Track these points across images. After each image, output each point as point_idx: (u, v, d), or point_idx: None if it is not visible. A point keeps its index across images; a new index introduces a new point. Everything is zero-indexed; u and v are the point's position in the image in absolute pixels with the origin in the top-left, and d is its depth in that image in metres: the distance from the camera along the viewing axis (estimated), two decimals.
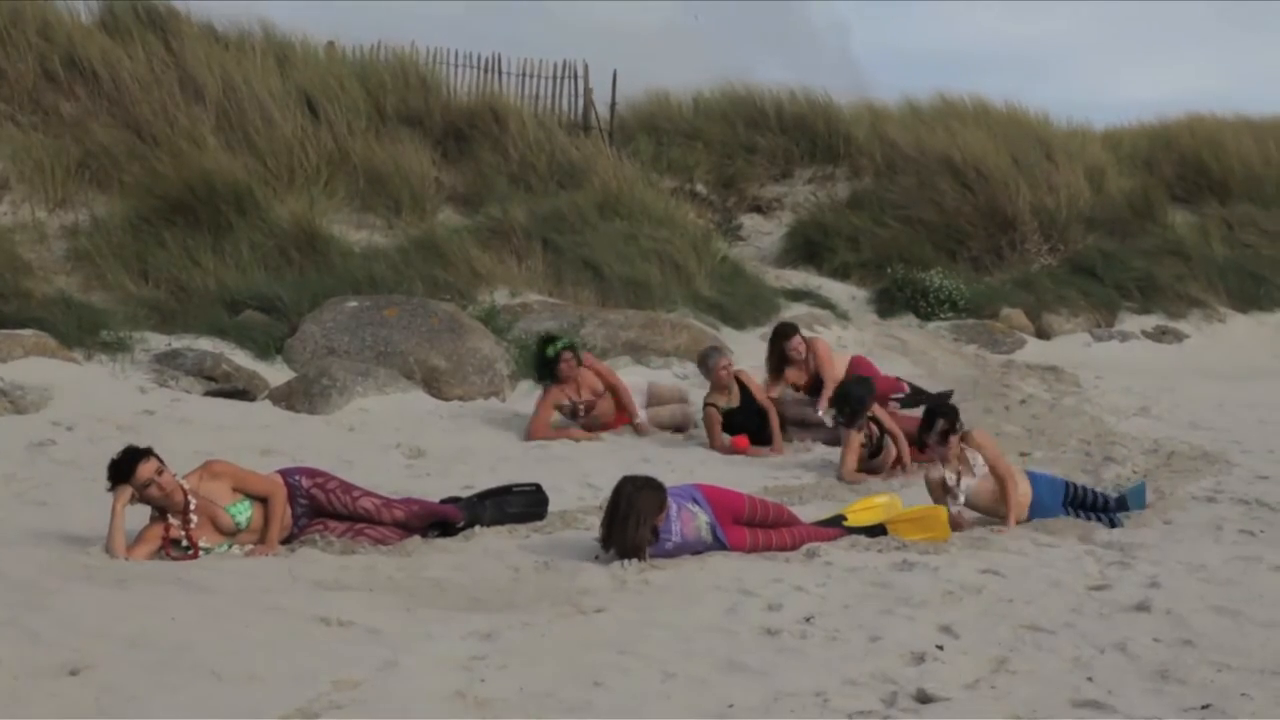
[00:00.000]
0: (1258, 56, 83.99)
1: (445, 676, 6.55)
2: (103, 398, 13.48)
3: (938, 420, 10.55)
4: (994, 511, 10.42)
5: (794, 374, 14.98)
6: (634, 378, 15.34)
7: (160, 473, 8.87)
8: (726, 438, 13.93)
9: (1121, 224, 24.62)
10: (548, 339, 14.56)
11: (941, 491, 10.36)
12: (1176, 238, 24.50)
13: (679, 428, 14.73)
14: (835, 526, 9.92)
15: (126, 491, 8.77)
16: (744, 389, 14.24)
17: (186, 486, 8.95)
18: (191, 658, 6.63)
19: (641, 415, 14.59)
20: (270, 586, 8.11)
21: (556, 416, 14.36)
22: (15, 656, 6.54)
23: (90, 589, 7.80)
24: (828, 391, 14.24)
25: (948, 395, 15.48)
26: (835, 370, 14.70)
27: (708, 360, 14.42)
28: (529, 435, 13.91)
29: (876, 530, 9.91)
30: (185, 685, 6.27)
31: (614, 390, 14.57)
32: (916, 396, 15.27)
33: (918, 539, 9.82)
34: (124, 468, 8.87)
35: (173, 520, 8.88)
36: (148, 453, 8.93)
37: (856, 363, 15.32)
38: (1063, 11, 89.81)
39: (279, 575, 8.40)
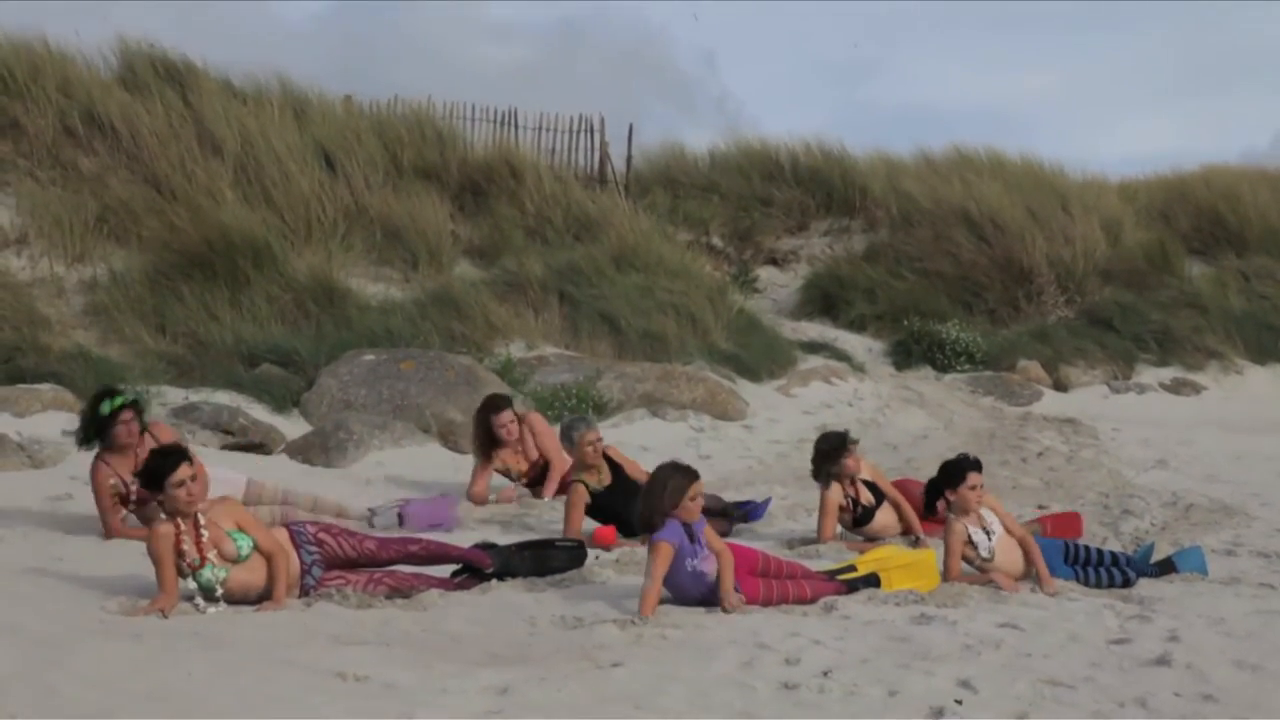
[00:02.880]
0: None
1: None
2: None
3: (968, 472, 10.44)
4: (1011, 573, 10.34)
5: (509, 456, 13.52)
6: (232, 474, 11.71)
7: (195, 478, 8.87)
8: (590, 524, 11.90)
9: (1138, 276, 24.63)
10: (106, 392, 11.08)
11: (964, 547, 10.28)
12: (1193, 290, 24.50)
13: None
14: (835, 580, 9.92)
15: None
16: (615, 468, 12.34)
17: (201, 505, 8.93)
18: (208, 712, 6.62)
19: None
20: (286, 641, 8.09)
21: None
22: (34, 711, 6.54)
23: (107, 643, 7.79)
24: (554, 478, 13.26)
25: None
26: (560, 452, 13.13)
27: (572, 432, 12.38)
28: (109, 533, 10.78)
29: (872, 580, 9.91)
30: None
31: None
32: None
33: (907, 587, 9.84)
34: (171, 460, 8.85)
35: (183, 526, 8.84)
36: (190, 456, 8.94)
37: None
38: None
39: (295, 629, 8.39)
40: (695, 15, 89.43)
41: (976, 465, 10.52)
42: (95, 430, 10.65)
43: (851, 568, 10.12)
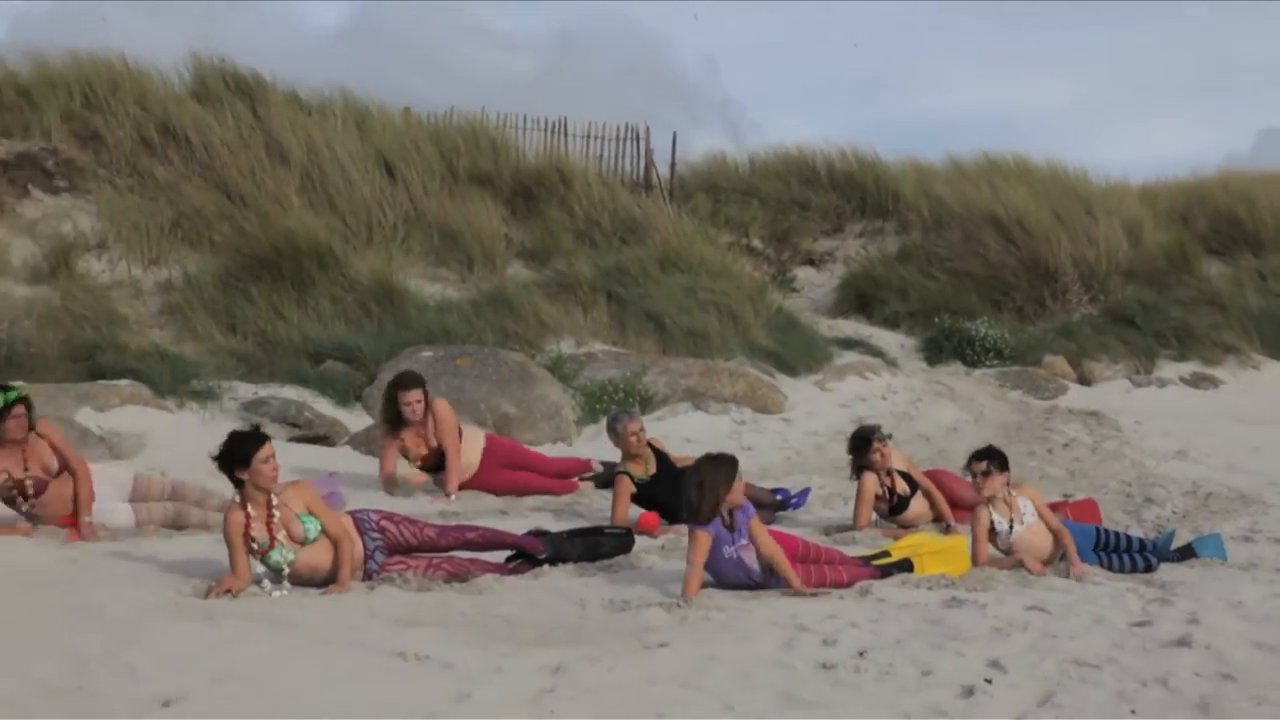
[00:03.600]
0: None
1: (516, 709, 6.53)
2: (193, 444, 13.51)
3: (984, 460, 10.42)
4: (1038, 557, 10.28)
5: (411, 439, 12.77)
6: (116, 470, 10.95)
7: (274, 456, 8.93)
8: (635, 512, 11.76)
9: (1159, 275, 24.52)
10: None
11: (986, 534, 10.25)
12: (1211, 288, 24.39)
13: (177, 526, 10.80)
14: (870, 565, 9.90)
15: None
16: (661, 457, 12.19)
17: (275, 487, 8.96)
18: (276, 690, 6.64)
19: (119, 513, 10.50)
20: (350, 623, 8.11)
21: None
22: (112, 690, 6.57)
23: (182, 625, 7.83)
24: (453, 473, 12.58)
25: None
26: (458, 443, 12.73)
27: (615, 424, 12.21)
28: None
29: (905, 565, 9.89)
30: (271, 717, 6.28)
31: (72, 471, 10.16)
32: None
33: (938, 572, 9.85)
34: (254, 440, 8.89)
35: (253, 512, 8.87)
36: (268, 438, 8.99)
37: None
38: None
39: (359, 612, 8.41)
40: (695, 16, 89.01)
41: (984, 454, 10.47)
42: None
43: (885, 553, 10.10)
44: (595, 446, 15.00)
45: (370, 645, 7.54)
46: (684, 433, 15.86)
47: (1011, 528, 10.21)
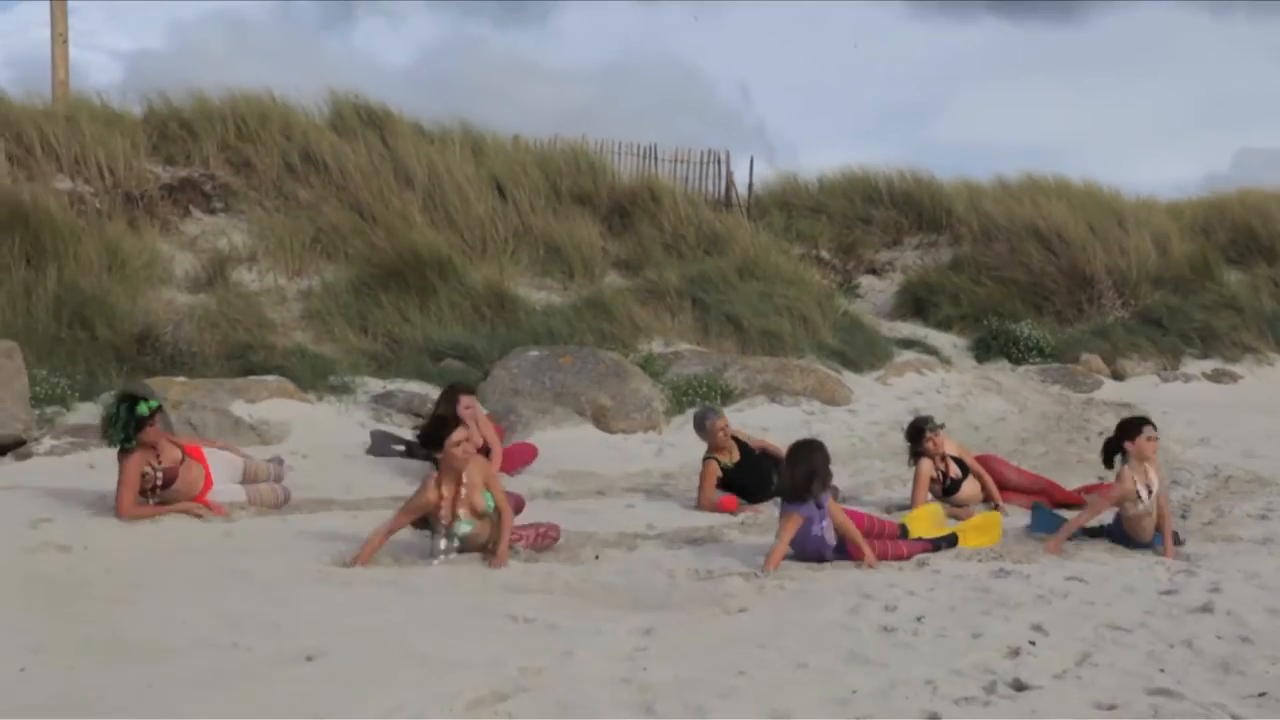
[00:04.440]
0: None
1: (613, 665, 6.56)
2: (331, 431, 13.68)
3: (1144, 425, 10.28)
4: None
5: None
6: (230, 456, 10.85)
7: (468, 439, 9.11)
8: (718, 495, 11.75)
9: (1184, 282, 24.24)
10: (137, 396, 10.09)
11: (1133, 491, 10.04)
12: (1231, 294, 24.09)
13: (279, 506, 10.69)
14: (924, 540, 9.87)
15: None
16: (743, 447, 12.16)
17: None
18: (405, 647, 6.71)
19: (232, 492, 10.50)
20: (468, 589, 8.18)
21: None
22: (261, 644, 6.67)
23: (322, 589, 7.92)
24: (497, 459, 11.86)
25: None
26: (497, 439, 12.53)
27: (704, 420, 12.16)
28: (121, 512, 9.75)
29: (951, 539, 9.90)
30: (400, 670, 6.34)
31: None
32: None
33: (977, 544, 9.89)
34: (451, 425, 9.10)
35: (445, 491, 8.93)
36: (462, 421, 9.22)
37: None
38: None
39: (475, 579, 8.47)
40: (695, 17, 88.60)
41: (1151, 423, 10.35)
42: (135, 429, 9.80)
43: (903, 527, 10.12)
44: (682, 434, 15.02)
45: (486, 609, 7.60)
46: (760, 423, 15.83)
47: (1149, 493, 10.04)
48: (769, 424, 15.78)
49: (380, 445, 13.11)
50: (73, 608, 7.21)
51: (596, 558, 9.35)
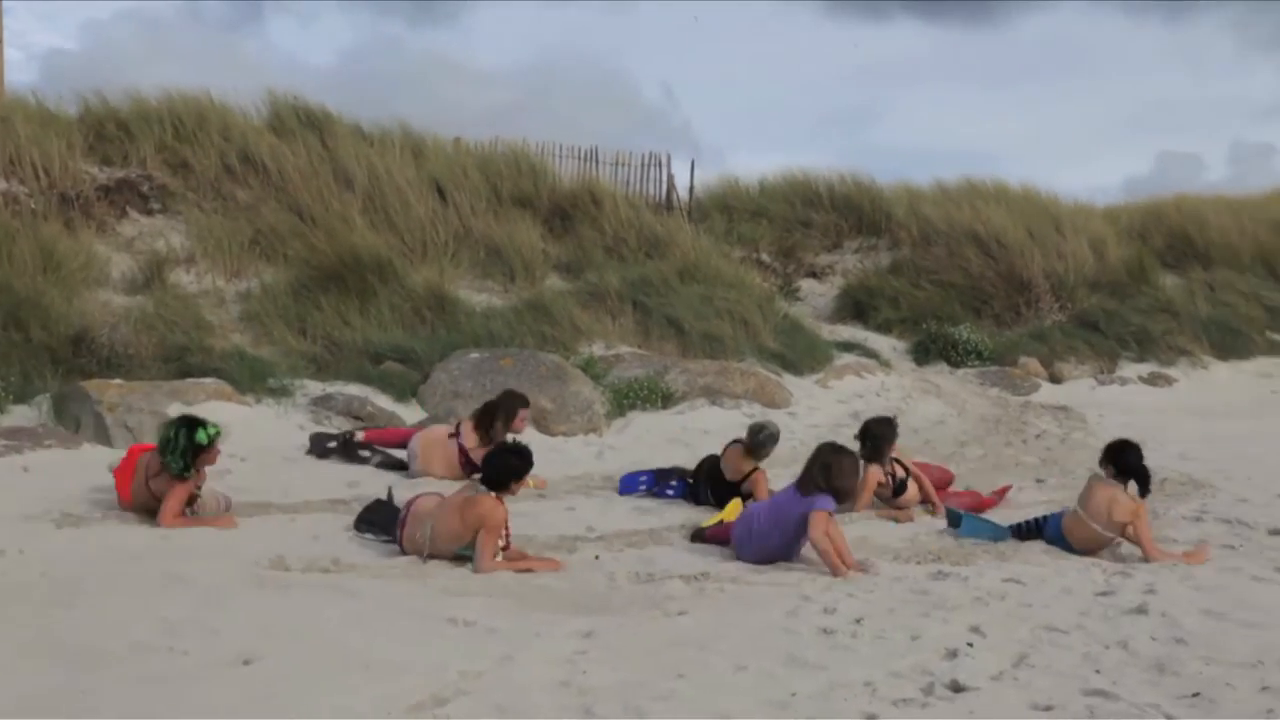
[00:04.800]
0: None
1: (553, 669, 6.56)
2: (269, 434, 13.59)
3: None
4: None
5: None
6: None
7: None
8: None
9: (1120, 286, 24.48)
10: (195, 421, 10.06)
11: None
12: (1167, 298, 24.37)
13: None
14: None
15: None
16: None
17: None
18: (344, 651, 6.68)
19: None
20: (409, 593, 8.15)
21: None
22: (199, 648, 6.63)
23: (261, 593, 7.88)
24: None
25: None
26: None
27: (766, 446, 12.17)
28: (164, 523, 9.74)
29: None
30: (339, 674, 6.32)
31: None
32: None
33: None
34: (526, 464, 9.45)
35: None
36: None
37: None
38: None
39: (415, 583, 8.44)
40: (695, 17, 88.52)
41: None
42: (194, 457, 9.85)
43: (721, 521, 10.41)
44: (622, 438, 15.03)
45: (426, 613, 7.58)
46: (701, 425, 15.89)
47: None
48: (710, 426, 15.83)
49: (317, 445, 13.10)
50: (7, 612, 7.13)
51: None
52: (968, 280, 24.12)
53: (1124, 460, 10.23)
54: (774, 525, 9.50)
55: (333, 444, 13.10)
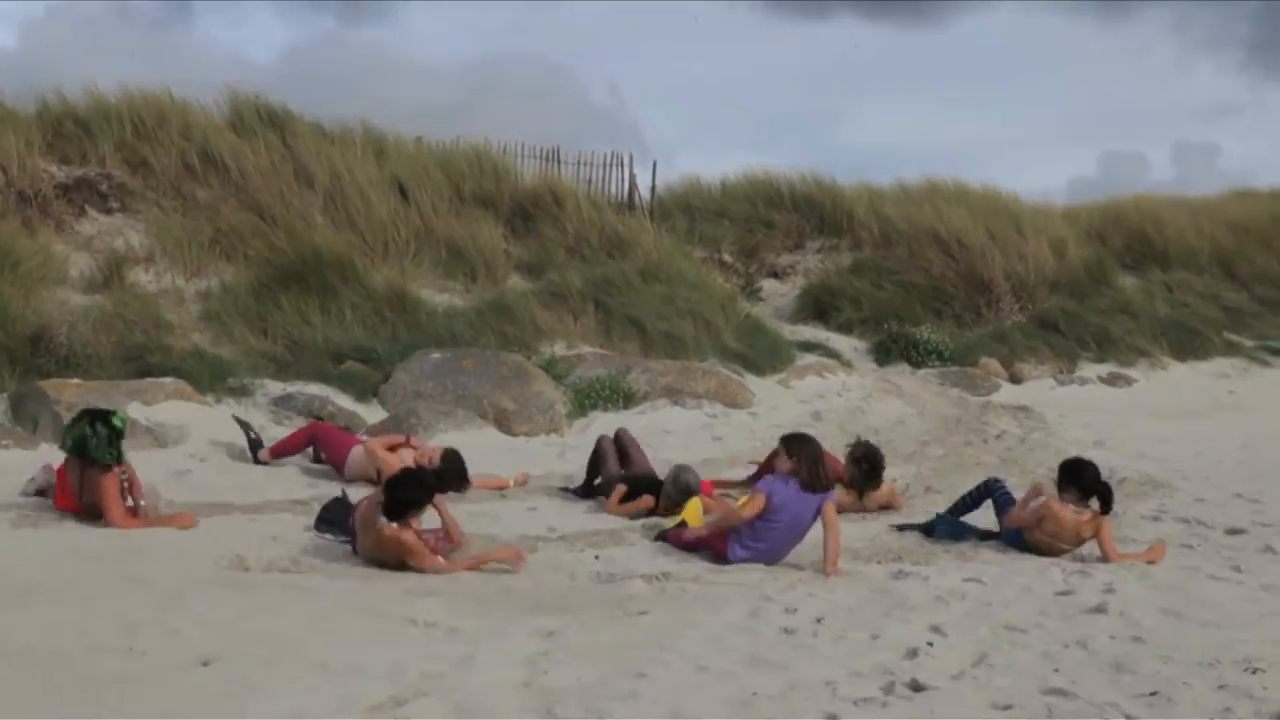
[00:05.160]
0: None
1: (514, 669, 6.55)
2: (230, 434, 13.52)
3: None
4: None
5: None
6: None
7: None
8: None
9: (1080, 287, 24.63)
10: (101, 412, 10.12)
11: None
12: (1126, 299, 24.54)
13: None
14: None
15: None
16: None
17: None
18: (304, 652, 6.65)
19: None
20: (370, 593, 8.13)
21: None
22: (158, 649, 6.59)
23: (221, 593, 7.84)
24: None
25: None
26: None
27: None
28: (115, 523, 9.67)
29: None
30: (299, 675, 6.29)
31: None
32: None
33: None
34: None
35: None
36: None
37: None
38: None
39: (377, 584, 8.43)
40: (695, 17, 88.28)
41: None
42: (119, 441, 9.93)
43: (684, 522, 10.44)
44: (584, 438, 15.03)
45: (385, 613, 7.56)
46: (663, 425, 15.90)
47: None
48: (671, 426, 15.85)
49: (253, 447, 12.91)
50: None
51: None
52: (929, 281, 24.21)
53: (1085, 482, 10.19)
54: (794, 529, 9.52)
55: (252, 434, 13.01)
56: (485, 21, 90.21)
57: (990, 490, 10.86)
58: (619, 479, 11.87)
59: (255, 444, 12.93)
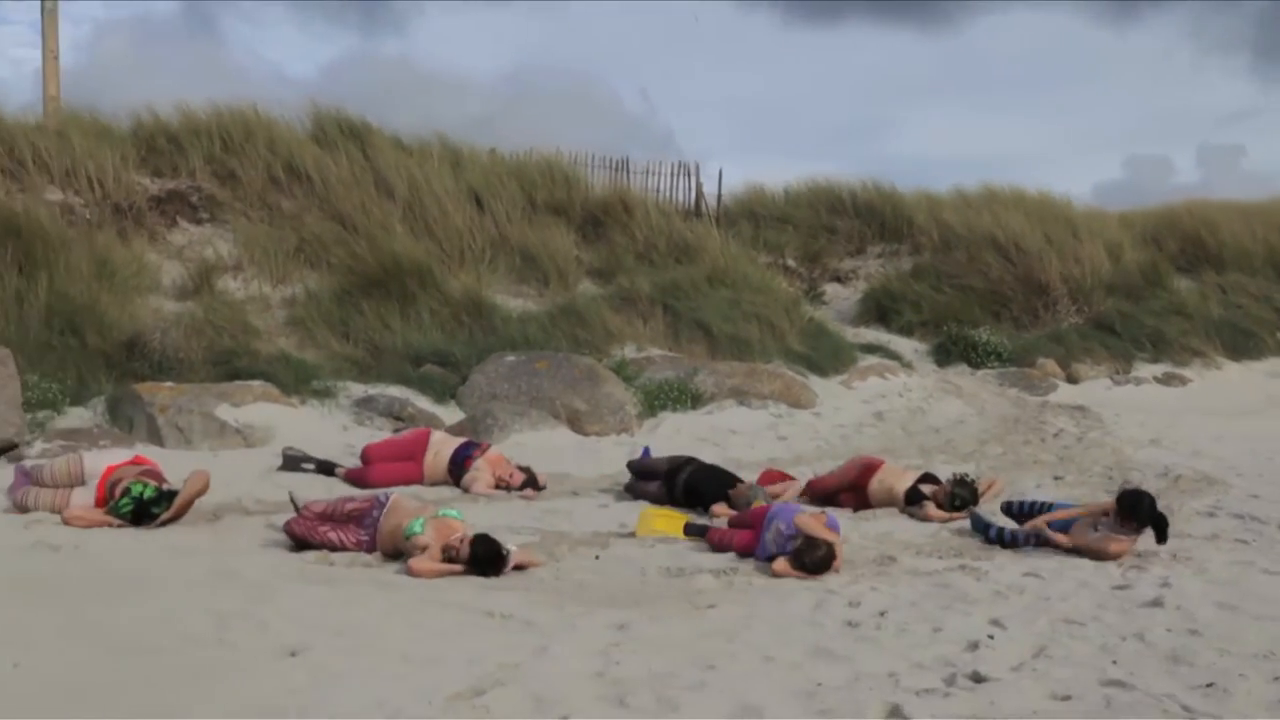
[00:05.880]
0: None
1: (587, 660, 6.57)
2: (314, 434, 13.65)
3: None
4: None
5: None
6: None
7: None
8: None
9: (1135, 289, 24.39)
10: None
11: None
12: (1180, 300, 24.26)
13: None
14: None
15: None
16: None
17: None
18: (386, 643, 6.70)
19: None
20: (447, 586, 8.17)
21: None
22: (246, 641, 6.65)
23: (306, 587, 7.90)
24: None
25: None
26: None
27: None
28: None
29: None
30: (381, 665, 6.33)
31: None
32: None
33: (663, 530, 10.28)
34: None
35: None
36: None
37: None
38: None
39: (453, 577, 8.46)
40: (695, 16, 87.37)
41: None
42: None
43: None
44: (654, 437, 15.04)
45: (463, 606, 7.59)
46: (729, 425, 15.88)
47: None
48: (737, 426, 15.83)
49: (290, 464, 12.54)
50: (63, 606, 7.17)
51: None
52: (987, 284, 24.06)
53: (1142, 515, 9.81)
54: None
55: (309, 466, 12.49)
56: (510, 32, 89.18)
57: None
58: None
59: (321, 465, 12.55)
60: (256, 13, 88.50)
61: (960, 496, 11.20)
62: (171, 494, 9.81)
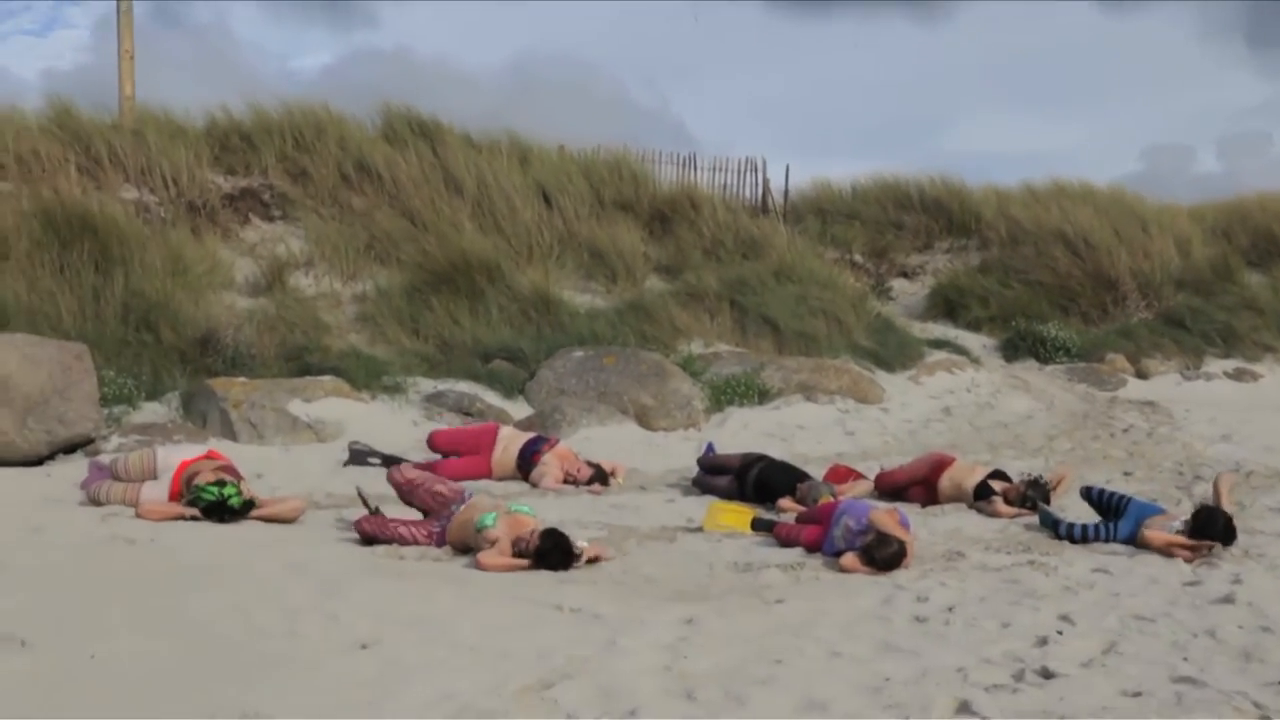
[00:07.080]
0: None
1: (655, 654, 6.56)
2: (385, 429, 13.72)
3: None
4: None
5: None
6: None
7: None
8: None
9: (1205, 284, 24.09)
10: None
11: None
12: (1251, 295, 23.93)
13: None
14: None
15: None
16: None
17: None
18: (456, 636, 6.73)
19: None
20: (516, 580, 8.20)
21: None
22: (319, 634, 6.70)
23: (377, 581, 7.95)
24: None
25: None
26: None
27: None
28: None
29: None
30: (451, 658, 6.36)
31: None
32: None
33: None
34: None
35: None
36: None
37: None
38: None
39: (522, 571, 8.48)
40: (695, 16, 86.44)
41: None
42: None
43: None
44: (720, 433, 15.01)
45: (532, 599, 7.61)
46: (796, 421, 15.84)
47: None
48: (804, 422, 15.79)
49: (357, 458, 12.61)
50: (135, 598, 7.25)
51: (642, 553, 9.40)
52: (1055, 279, 23.87)
53: (1216, 534, 9.60)
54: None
55: (374, 460, 12.53)
56: (508, 22, 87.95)
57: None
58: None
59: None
60: (256, 11, 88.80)
61: (1032, 499, 11.10)
62: (251, 504, 9.86)
